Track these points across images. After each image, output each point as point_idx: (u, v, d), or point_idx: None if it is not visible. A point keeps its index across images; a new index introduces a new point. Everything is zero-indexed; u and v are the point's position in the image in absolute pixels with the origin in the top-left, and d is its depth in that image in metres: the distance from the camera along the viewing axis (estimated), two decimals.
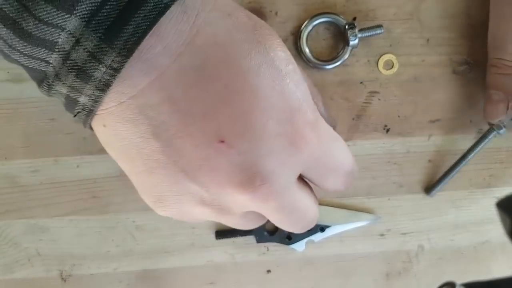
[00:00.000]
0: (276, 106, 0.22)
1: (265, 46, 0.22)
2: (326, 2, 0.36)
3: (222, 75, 0.21)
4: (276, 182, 0.22)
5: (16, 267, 0.39)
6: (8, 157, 0.37)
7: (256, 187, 0.22)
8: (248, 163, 0.21)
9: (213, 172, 0.22)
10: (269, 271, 0.40)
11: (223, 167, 0.21)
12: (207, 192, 0.23)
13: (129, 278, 0.40)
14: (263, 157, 0.21)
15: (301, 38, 0.35)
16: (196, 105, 0.20)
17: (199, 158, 0.21)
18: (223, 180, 0.22)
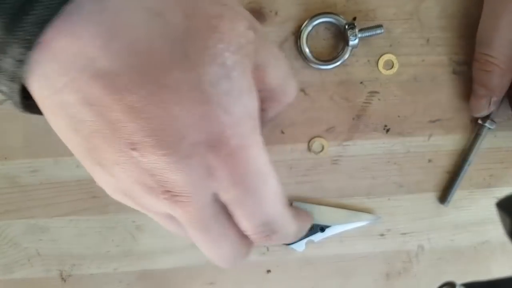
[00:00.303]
0: (193, 128, 0.21)
1: (192, 61, 0.20)
2: (326, 2, 0.36)
3: (137, 87, 0.20)
4: (187, 195, 0.22)
5: (16, 267, 0.39)
6: (8, 157, 0.37)
7: (165, 193, 0.22)
8: (160, 174, 0.21)
9: (126, 174, 0.22)
10: (269, 271, 0.40)
11: (134, 171, 0.21)
12: (123, 187, 0.23)
13: (129, 278, 0.40)
14: (175, 172, 0.21)
15: (301, 38, 0.35)
16: (111, 111, 0.20)
17: (112, 158, 0.21)
18: (135, 182, 0.22)
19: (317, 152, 0.38)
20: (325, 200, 0.39)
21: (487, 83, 0.33)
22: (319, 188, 0.39)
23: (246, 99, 0.22)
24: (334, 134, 0.38)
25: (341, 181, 0.39)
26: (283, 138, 0.38)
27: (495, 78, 0.32)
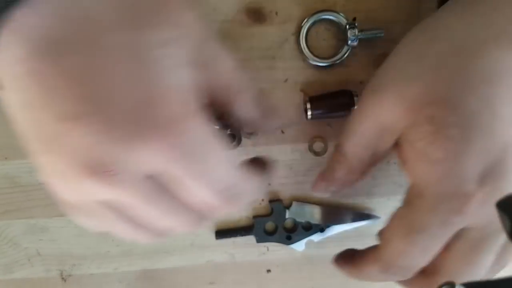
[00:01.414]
0: (131, 92, 0.21)
1: (136, 25, 0.21)
2: (326, 2, 0.36)
3: (75, 51, 0.20)
4: (123, 171, 0.21)
5: (16, 267, 0.39)
6: (8, 157, 0.37)
7: (101, 173, 0.21)
8: (93, 148, 0.21)
9: (62, 149, 0.21)
10: (269, 270, 0.40)
11: (69, 146, 0.21)
12: (60, 168, 0.22)
13: (129, 278, 0.40)
14: (109, 144, 0.21)
15: (301, 35, 0.36)
16: (50, 78, 0.20)
17: (50, 131, 0.21)
18: (70, 161, 0.21)
19: (317, 152, 0.38)
20: (325, 200, 0.39)
21: (333, 173, 0.32)
22: None
23: (184, 71, 0.22)
24: (334, 134, 0.38)
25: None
26: (283, 138, 0.38)
27: (341, 172, 0.32)
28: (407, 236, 0.27)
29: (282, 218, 0.39)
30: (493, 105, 0.25)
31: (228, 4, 0.35)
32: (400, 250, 0.28)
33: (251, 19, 0.36)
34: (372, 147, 0.29)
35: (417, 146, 0.26)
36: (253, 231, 0.39)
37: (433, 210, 0.26)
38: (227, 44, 0.36)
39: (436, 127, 0.25)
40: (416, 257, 0.28)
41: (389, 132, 0.28)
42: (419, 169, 0.27)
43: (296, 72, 0.37)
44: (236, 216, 0.39)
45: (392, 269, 0.29)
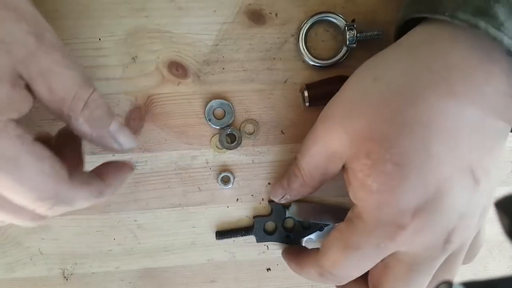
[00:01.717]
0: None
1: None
2: (326, 4, 0.36)
3: None
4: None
5: (18, 266, 0.39)
6: None
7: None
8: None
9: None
10: (269, 269, 0.40)
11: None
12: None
13: (130, 277, 0.40)
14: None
15: (300, 35, 0.36)
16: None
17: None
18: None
19: None
20: (325, 200, 0.39)
21: (290, 182, 0.35)
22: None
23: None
24: None
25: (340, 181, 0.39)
26: (283, 138, 0.38)
27: (296, 183, 0.34)
28: (343, 250, 0.30)
29: (281, 218, 0.39)
30: (428, 145, 0.27)
31: (229, 5, 0.36)
32: (335, 260, 0.30)
33: (251, 20, 0.36)
34: (322, 168, 0.32)
35: (357, 175, 0.29)
36: (253, 231, 0.39)
37: (369, 233, 0.28)
38: (228, 44, 0.36)
39: (372, 162, 0.28)
40: (348, 269, 0.30)
41: (337, 157, 0.30)
42: (359, 195, 0.29)
43: (296, 73, 0.37)
44: (235, 216, 0.39)
45: (326, 275, 0.32)
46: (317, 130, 0.32)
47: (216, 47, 0.36)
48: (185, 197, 0.39)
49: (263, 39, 0.36)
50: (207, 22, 0.36)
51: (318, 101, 0.36)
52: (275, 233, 0.39)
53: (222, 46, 0.36)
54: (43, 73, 0.24)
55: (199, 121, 0.37)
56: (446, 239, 0.28)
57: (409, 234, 0.27)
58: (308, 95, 0.36)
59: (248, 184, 0.39)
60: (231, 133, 0.37)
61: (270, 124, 0.38)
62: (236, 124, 0.38)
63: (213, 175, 0.38)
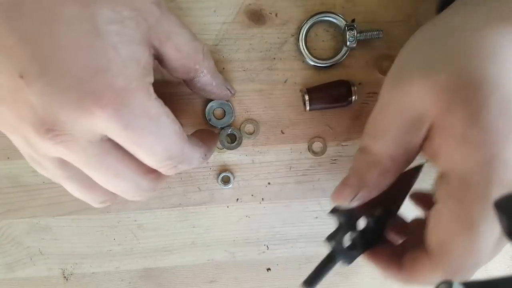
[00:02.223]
0: (80, 60, 0.22)
1: (92, 1, 0.22)
2: (326, 4, 0.36)
3: (30, 16, 0.21)
4: (69, 133, 0.23)
5: (18, 266, 0.39)
6: (11, 157, 0.37)
7: (48, 131, 0.23)
8: (43, 107, 0.22)
9: (13, 105, 0.23)
10: (269, 269, 0.41)
11: (21, 102, 0.22)
12: (12, 123, 0.24)
13: (130, 277, 0.40)
14: (57, 105, 0.22)
15: (300, 35, 0.36)
16: (6, 37, 0.21)
17: (6, 86, 0.22)
18: (20, 116, 0.23)
19: (316, 152, 0.38)
20: None
21: (363, 175, 0.28)
22: (318, 188, 0.39)
23: (136, 48, 0.24)
24: (333, 135, 0.38)
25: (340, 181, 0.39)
26: (283, 138, 0.38)
27: (373, 173, 0.28)
28: (468, 232, 0.25)
29: (354, 224, 0.31)
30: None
31: (229, 5, 0.36)
32: (463, 250, 0.25)
33: (251, 20, 0.36)
34: (404, 143, 0.27)
35: (455, 131, 0.25)
36: (337, 256, 0.31)
37: (484, 197, 0.24)
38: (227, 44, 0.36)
39: (475, 109, 0.24)
40: (483, 250, 0.25)
41: (420, 123, 0.26)
42: (460, 154, 0.25)
43: (296, 73, 0.37)
44: (236, 216, 0.39)
45: (460, 272, 0.26)
46: (389, 99, 0.28)
47: (216, 47, 0.36)
48: (185, 197, 0.39)
49: (263, 39, 0.36)
50: (207, 22, 0.36)
51: (318, 105, 0.36)
52: (356, 246, 0.31)
53: (222, 46, 0.36)
54: (169, 35, 0.26)
55: (199, 121, 0.37)
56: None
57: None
58: (308, 99, 0.36)
59: (248, 184, 0.39)
60: (232, 133, 0.37)
61: (270, 124, 0.38)
62: (236, 124, 0.38)
63: (213, 175, 0.38)
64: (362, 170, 0.29)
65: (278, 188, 0.39)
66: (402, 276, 0.29)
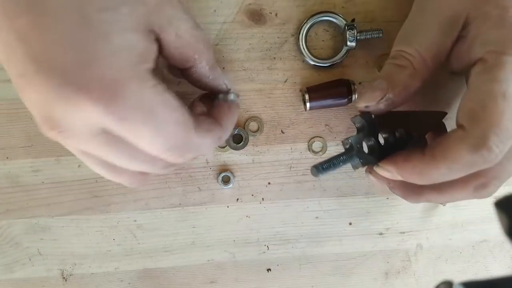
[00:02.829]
0: (74, 52, 0.22)
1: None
2: (325, 3, 0.36)
3: (24, 12, 0.21)
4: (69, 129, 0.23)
5: (17, 266, 0.39)
6: (10, 156, 0.37)
7: (51, 128, 0.23)
8: (42, 105, 0.23)
9: (25, 103, 0.23)
10: (269, 269, 0.40)
11: (28, 101, 0.23)
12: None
13: (130, 277, 0.40)
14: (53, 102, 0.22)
15: (300, 35, 0.36)
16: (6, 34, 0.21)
17: (16, 86, 0.23)
18: (33, 113, 0.23)
19: (316, 152, 0.38)
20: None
21: (393, 77, 0.29)
22: (318, 187, 0.39)
23: (130, 35, 0.23)
24: (333, 134, 0.38)
25: (340, 181, 0.39)
26: (283, 138, 0.38)
27: (403, 74, 0.29)
28: (502, 99, 0.25)
29: (376, 131, 0.30)
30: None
31: (229, 5, 0.36)
32: (498, 113, 0.25)
33: (251, 20, 0.36)
34: (437, 44, 0.28)
35: (492, 16, 0.26)
36: (354, 153, 0.30)
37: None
38: (227, 44, 0.36)
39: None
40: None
41: (456, 19, 0.27)
42: (498, 34, 0.26)
43: (296, 73, 0.37)
44: (236, 216, 0.39)
45: (490, 140, 0.25)
46: (426, 2, 0.29)
47: (216, 47, 0.36)
48: (185, 197, 0.38)
49: (263, 39, 0.36)
50: (207, 22, 0.36)
51: (318, 104, 0.36)
52: (373, 152, 0.30)
53: (222, 45, 0.36)
54: (170, 20, 0.25)
55: None
56: None
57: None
58: (308, 99, 0.36)
59: (248, 184, 0.39)
60: (238, 133, 0.37)
61: (270, 124, 0.38)
62: (239, 123, 0.37)
63: (213, 175, 0.38)
64: (392, 72, 0.29)
65: (278, 188, 0.39)
66: (425, 160, 0.27)
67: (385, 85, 0.29)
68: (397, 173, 0.29)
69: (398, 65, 0.29)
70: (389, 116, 0.31)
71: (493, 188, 0.29)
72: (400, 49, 0.29)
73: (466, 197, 0.30)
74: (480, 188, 0.29)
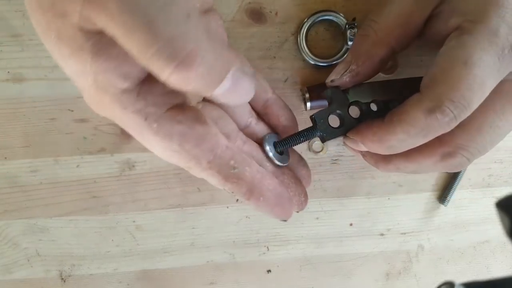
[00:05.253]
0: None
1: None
2: (326, 2, 0.36)
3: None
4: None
5: (15, 267, 0.39)
6: (8, 157, 0.37)
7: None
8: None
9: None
10: (269, 271, 0.40)
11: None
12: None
13: (129, 278, 0.40)
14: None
15: (301, 34, 0.36)
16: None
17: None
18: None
19: (317, 152, 0.38)
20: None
21: (356, 47, 0.29)
22: (319, 188, 0.39)
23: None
24: None
25: (341, 181, 0.39)
26: None
27: (366, 43, 0.28)
28: (464, 66, 0.24)
29: (345, 104, 0.30)
30: None
31: (228, 4, 0.36)
32: (458, 79, 0.24)
33: (251, 19, 0.36)
34: (405, 15, 0.27)
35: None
36: (317, 128, 0.30)
37: (490, 37, 0.24)
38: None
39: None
40: (475, 91, 0.24)
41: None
42: (473, 5, 0.25)
43: (296, 72, 0.37)
44: (235, 216, 0.39)
45: (446, 107, 0.24)
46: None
47: None
48: (184, 197, 0.38)
49: (263, 38, 0.36)
50: None
51: (319, 104, 0.36)
52: (343, 125, 0.30)
53: None
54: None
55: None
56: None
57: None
58: (309, 98, 0.35)
59: None
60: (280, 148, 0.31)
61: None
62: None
63: None
64: (356, 43, 0.29)
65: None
66: (383, 126, 0.27)
67: (349, 57, 0.29)
68: (361, 142, 0.28)
69: (362, 35, 0.28)
70: (363, 88, 0.30)
71: (460, 159, 0.28)
72: (369, 17, 0.29)
73: (435, 166, 0.29)
74: (447, 157, 0.28)
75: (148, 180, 0.38)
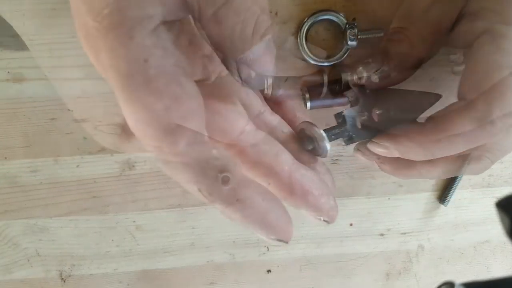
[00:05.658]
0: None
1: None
2: (326, 2, 0.36)
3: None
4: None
5: (15, 267, 0.39)
6: (8, 157, 0.37)
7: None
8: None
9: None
10: (269, 271, 0.40)
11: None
12: None
13: (129, 278, 0.40)
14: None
15: (301, 33, 0.36)
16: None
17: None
18: None
19: None
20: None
21: (389, 50, 0.29)
22: None
23: None
24: None
25: (341, 181, 0.39)
26: None
27: (399, 48, 0.29)
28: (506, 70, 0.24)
29: (371, 106, 0.29)
30: None
31: None
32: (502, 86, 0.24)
33: None
34: (434, 22, 0.27)
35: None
36: (346, 128, 0.29)
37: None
38: None
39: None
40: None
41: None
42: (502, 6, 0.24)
43: (296, 72, 0.37)
44: None
45: (488, 121, 0.24)
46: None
47: None
48: (185, 197, 0.38)
49: None
50: None
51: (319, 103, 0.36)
52: (368, 127, 0.29)
53: None
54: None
55: None
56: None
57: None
58: (309, 98, 0.35)
59: None
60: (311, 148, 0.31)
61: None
62: None
63: None
64: (388, 46, 0.29)
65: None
66: (425, 134, 0.26)
67: (380, 58, 0.29)
68: (395, 149, 0.28)
69: (395, 40, 0.29)
70: (383, 93, 0.30)
71: (485, 161, 0.28)
72: (397, 25, 0.29)
73: (459, 170, 0.29)
74: (473, 160, 0.28)
75: (148, 180, 0.38)
